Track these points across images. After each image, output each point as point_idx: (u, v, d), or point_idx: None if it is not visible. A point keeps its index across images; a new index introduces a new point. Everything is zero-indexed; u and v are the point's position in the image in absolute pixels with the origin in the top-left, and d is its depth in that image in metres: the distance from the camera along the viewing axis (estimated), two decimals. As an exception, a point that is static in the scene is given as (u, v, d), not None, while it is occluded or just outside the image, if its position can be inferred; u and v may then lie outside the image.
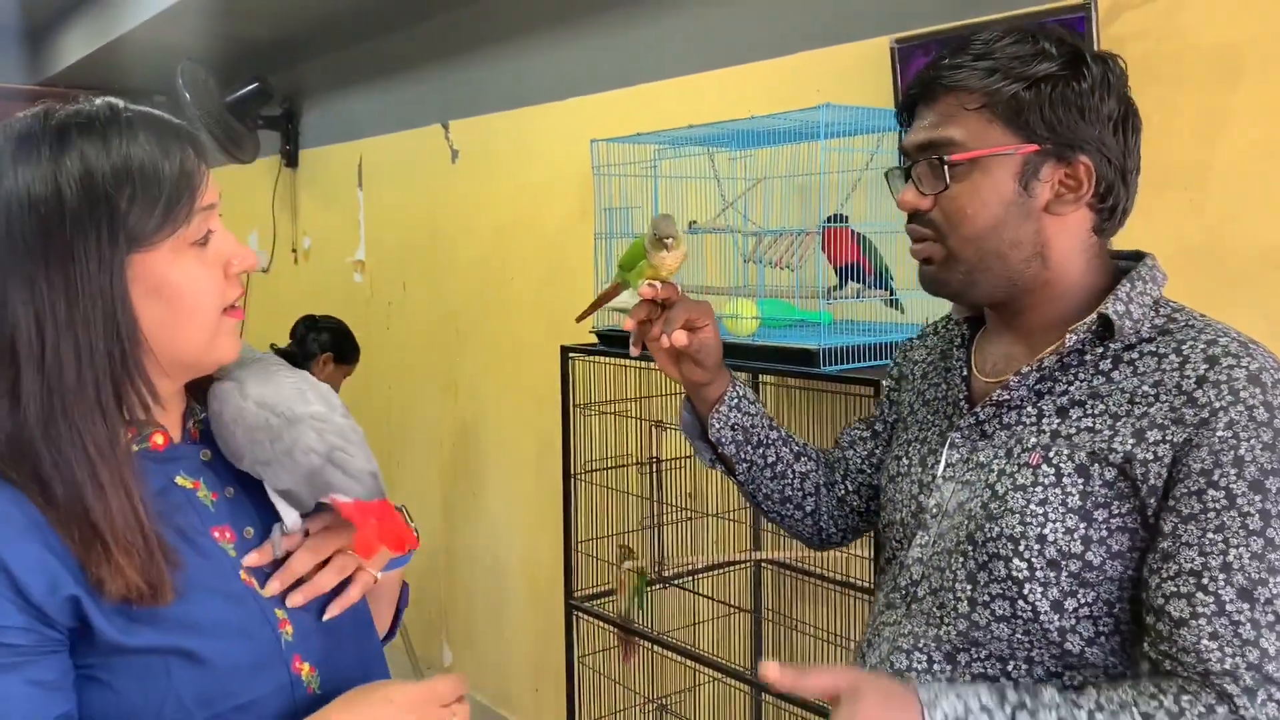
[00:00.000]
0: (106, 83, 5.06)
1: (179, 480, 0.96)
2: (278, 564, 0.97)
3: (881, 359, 1.83)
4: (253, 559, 0.96)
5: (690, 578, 2.37)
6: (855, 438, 1.32)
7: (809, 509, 1.30)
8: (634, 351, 1.24)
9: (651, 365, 1.22)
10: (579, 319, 1.49)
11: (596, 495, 2.47)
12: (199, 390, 0.99)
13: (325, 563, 0.99)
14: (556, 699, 3.04)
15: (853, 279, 1.93)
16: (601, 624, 2.44)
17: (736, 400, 1.25)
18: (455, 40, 3.42)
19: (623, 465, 2.46)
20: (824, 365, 1.79)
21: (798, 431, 2.25)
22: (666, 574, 2.32)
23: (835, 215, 1.94)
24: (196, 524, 0.94)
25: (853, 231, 1.90)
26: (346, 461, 0.98)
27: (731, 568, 2.40)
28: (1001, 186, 1.00)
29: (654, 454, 2.36)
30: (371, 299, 4.05)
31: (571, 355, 2.40)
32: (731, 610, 2.41)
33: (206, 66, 3.96)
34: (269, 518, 0.99)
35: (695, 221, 2.26)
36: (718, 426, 1.25)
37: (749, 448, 1.27)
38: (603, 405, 2.44)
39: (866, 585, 1.98)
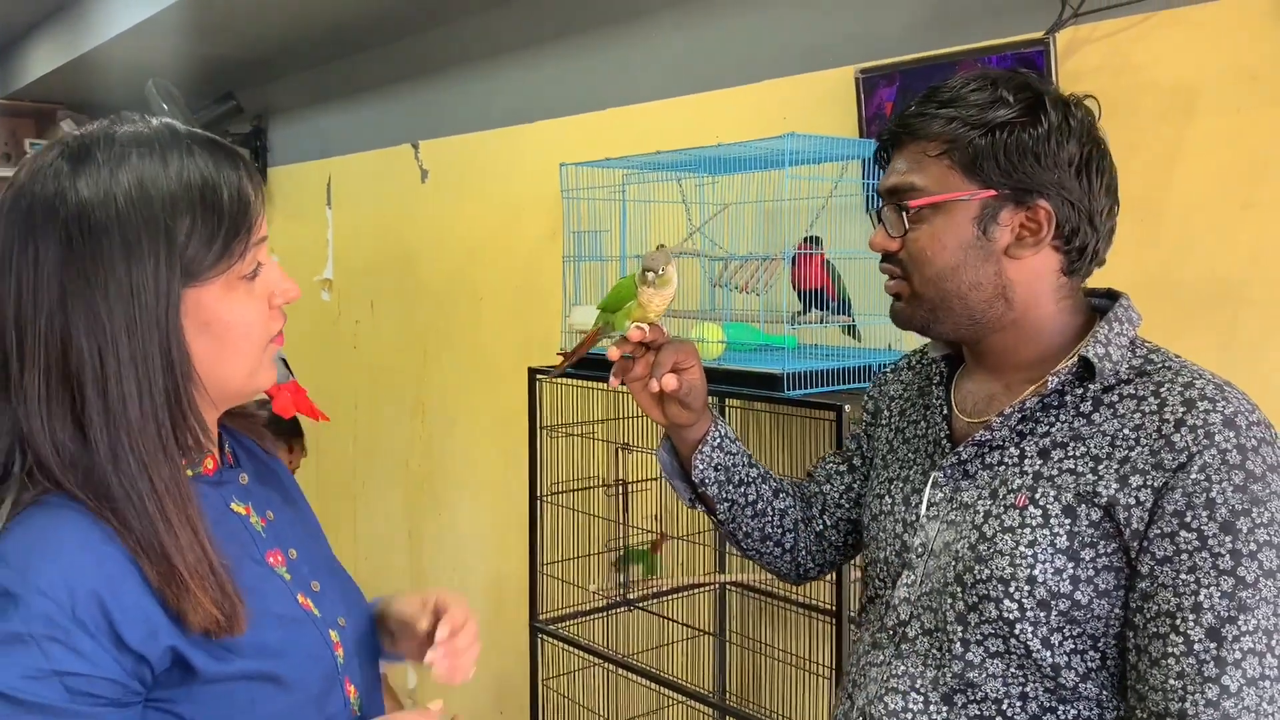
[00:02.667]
0: (74, 98, 5.03)
1: (233, 506, 0.96)
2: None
3: (845, 384, 1.85)
4: (435, 657, 1.01)
5: (655, 600, 2.38)
6: (831, 471, 1.32)
7: (788, 545, 1.30)
8: (613, 383, 1.21)
9: (610, 387, 1.22)
10: (556, 373, 1.34)
11: (563, 517, 2.47)
12: None
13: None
14: (521, 722, 3.03)
15: (816, 305, 1.95)
16: (566, 647, 2.44)
17: (719, 440, 1.24)
18: (426, 61, 3.43)
19: (589, 487, 2.47)
20: (788, 389, 1.80)
21: (763, 455, 2.26)
22: (631, 596, 2.32)
23: (810, 237, 1.96)
24: (254, 550, 0.95)
25: (823, 257, 1.93)
26: None
27: (696, 590, 2.40)
28: (961, 230, 1.02)
29: (620, 476, 2.37)
30: (339, 318, 4.03)
31: (539, 377, 2.40)
32: (696, 633, 2.41)
33: (175, 83, 3.95)
34: (307, 538, 1.03)
35: (663, 246, 2.27)
36: (701, 467, 1.23)
37: (730, 487, 1.25)
38: (570, 427, 2.44)
39: (830, 608, 1.99)
